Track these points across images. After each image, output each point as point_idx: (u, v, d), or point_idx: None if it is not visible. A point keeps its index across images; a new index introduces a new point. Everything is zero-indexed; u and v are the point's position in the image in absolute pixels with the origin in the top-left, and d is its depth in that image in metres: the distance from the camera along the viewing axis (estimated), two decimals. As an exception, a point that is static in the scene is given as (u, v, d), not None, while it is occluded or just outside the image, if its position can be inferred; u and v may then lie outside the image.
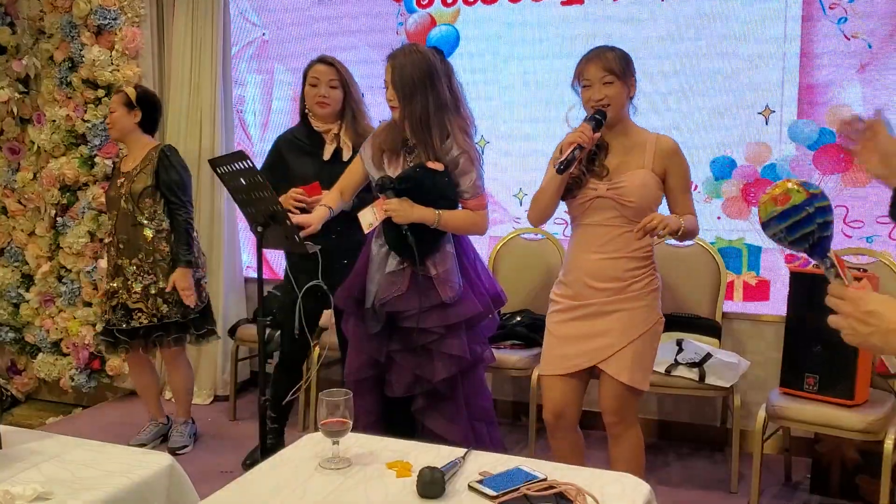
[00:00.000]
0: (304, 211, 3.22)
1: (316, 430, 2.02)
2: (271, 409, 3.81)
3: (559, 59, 4.22)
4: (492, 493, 1.78)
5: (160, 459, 2.05)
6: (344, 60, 3.69)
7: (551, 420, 2.93)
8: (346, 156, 3.55)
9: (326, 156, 3.58)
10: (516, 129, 4.35)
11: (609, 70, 2.74)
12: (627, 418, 2.89)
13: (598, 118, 2.77)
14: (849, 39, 3.73)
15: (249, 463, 3.79)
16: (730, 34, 3.92)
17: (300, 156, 3.60)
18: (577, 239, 2.92)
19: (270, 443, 3.80)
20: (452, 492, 1.82)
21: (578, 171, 2.81)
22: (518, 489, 1.79)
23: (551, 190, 2.83)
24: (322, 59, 3.61)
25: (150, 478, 1.96)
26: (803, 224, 1.40)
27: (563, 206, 2.80)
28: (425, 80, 2.89)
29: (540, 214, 2.92)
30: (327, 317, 3.79)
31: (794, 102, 3.85)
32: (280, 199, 3.38)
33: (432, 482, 1.79)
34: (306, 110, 3.63)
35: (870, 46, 3.70)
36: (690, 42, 3.99)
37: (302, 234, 2.93)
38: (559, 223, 4.25)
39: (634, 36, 4.07)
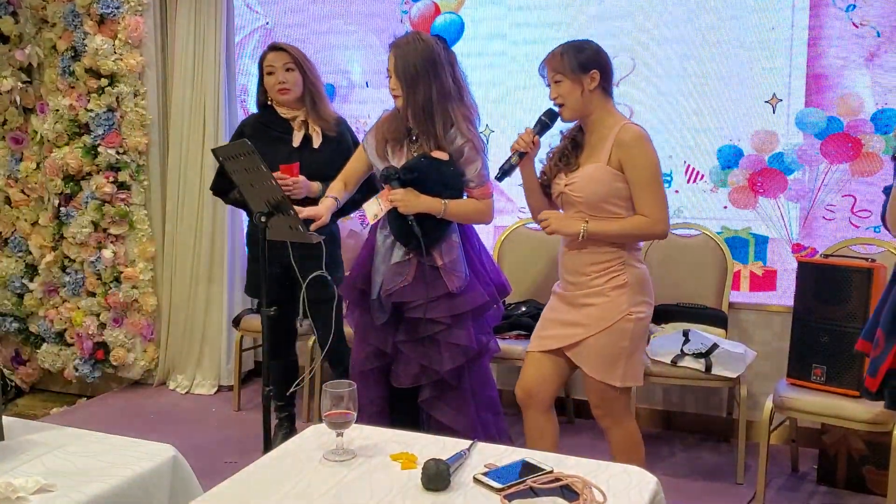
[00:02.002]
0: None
1: (321, 421, 2.01)
2: (274, 398, 3.81)
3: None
4: (497, 485, 1.77)
5: (163, 451, 2.04)
6: (347, 49, 3.67)
7: (521, 396, 2.95)
8: (315, 142, 3.53)
9: (296, 142, 3.56)
10: (521, 118, 4.32)
11: (555, 70, 2.74)
12: (613, 413, 2.87)
13: (543, 120, 2.80)
14: (857, 27, 3.69)
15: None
16: (737, 22, 3.89)
17: (269, 142, 3.53)
18: None
19: (284, 431, 3.80)
20: (458, 484, 1.81)
21: (550, 167, 2.86)
22: (524, 481, 1.78)
23: (527, 189, 2.93)
24: (272, 47, 3.60)
25: (153, 469, 1.96)
26: None
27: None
28: (428, 68, 2.87)
29: (532, 210, 2.98)
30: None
31: (801, 91, 3.81)
32: None
33: (437, 474, 1.78)
34: (269, 101, 3.61)
35: (878, 34, 3.66)
36: (697, 30, 3.96)
37: (312, 227, 2.91)
38: (564, 213, 4.22)
39: (641, 23, 4.04)
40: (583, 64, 2.72)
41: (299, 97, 3.57)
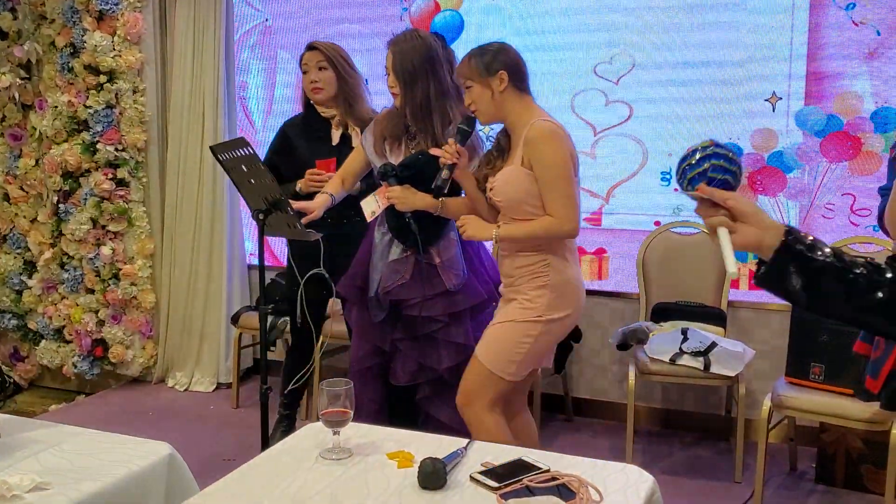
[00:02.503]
0: None
1: (318, 419, 2.01)
2: (282, 396, 3.82)
3: (564, 45, 4.19)
4: (494, 484, 1.77)
5: (159, 449, 2.03)
6: (347, 46, 3.67)
7: (458, 399, 2.88)
8: (355, 141, 3.53)
9: (335, 140, 3.57)
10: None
11: (464, 76, 2.73)
12: (473, 401, 2.75)
13: (462, 128, 2.77)
14: (857, 26, 3.68)
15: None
16: (737, 20, 3.88)
17: (310, 141, 3.59)
18: None
19: (282, 430, 3.80)
20: (454, 483, 1.80)
21: (478, 173, 2.83)
22: (520, 480, 1.77)
23: (470, 200, 2.89)
24: (308, 46, 3.60)
25: (149, 467, 1.95)
26: (687, 161, 1.45)
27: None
28: (426, 66, 2.87)
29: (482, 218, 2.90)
30: (331, 305, 3.78)
31: (801, 89, 3.81)
32: (299, 183, 3.39)
33: (434, 473, 1.77)
34: (310, 100, 3.62)
35: (878, 33, 3.65)
36: (697, 27, 3.95)
37: (303, 220, 2.91)
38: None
39: (641, 22, 4.03)
40: (488, 66, 2.67)
41: (333, 96, 3.56)
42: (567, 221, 2.64)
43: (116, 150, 4.69)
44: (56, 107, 4.74)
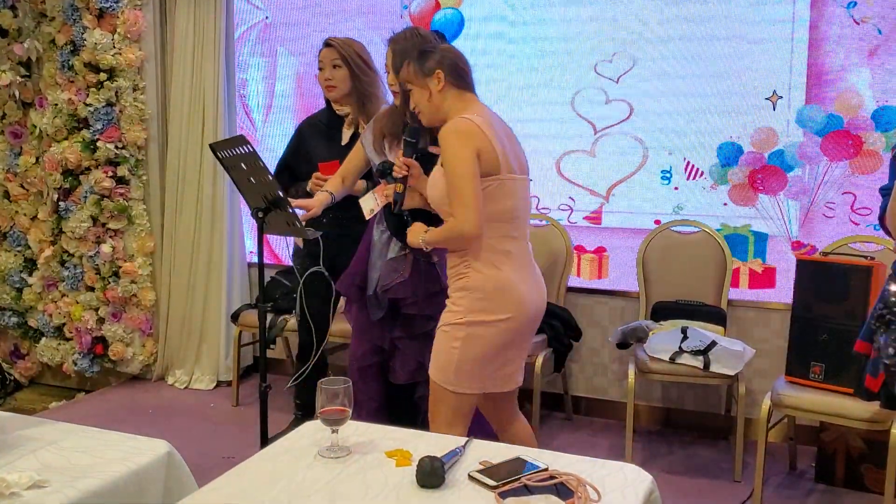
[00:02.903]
0: None
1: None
2: (295, 397, 3.88)
3: (564, 42, 4.18)
4: (492, 482, 1.76)
5: (158, 446, 2.03)
6: (347, 44, 3.66)
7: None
8: None
9: (344, 140, 3.57)
10: (521, 113, 4.31)
11: (405, 79, 2.68)
12: (435, 417, 2.62)
13: (407, 140, 2.72)
14: (858, 24, 3.68)
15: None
16: (738, 19, 3.87)
17: (320, 140, 3.60)
18: None
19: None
20: (452, 481, 1.80)
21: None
22: (518, 479, 1.77)
23: (435, 208, 2.74)
24: (325, 42, 3.60)
25: (147, 465, 1.95)
26: None
27: (568, 192, 2.78)
28: (425, 64, 2.86)
29: None
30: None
31: (802, 88, 3.80)
32: (309, 184, 3.40)
33: (432, 472, 1.77)
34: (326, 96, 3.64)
35: (879, 31, 3.65)
36: (697, 26, 3.95)
37: (302, 217, 2.92)
38: (564, 209, 4.22)
39: (642, 20, 4.03)
40: (424, 67, 2.62)
41: (347, 94, 3.55)
42: (464, 222, 2.45)
43: (116, 147, 4.69)
44: (56, 104, 4.74)
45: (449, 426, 2.57)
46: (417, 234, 2.66)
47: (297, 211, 2.89)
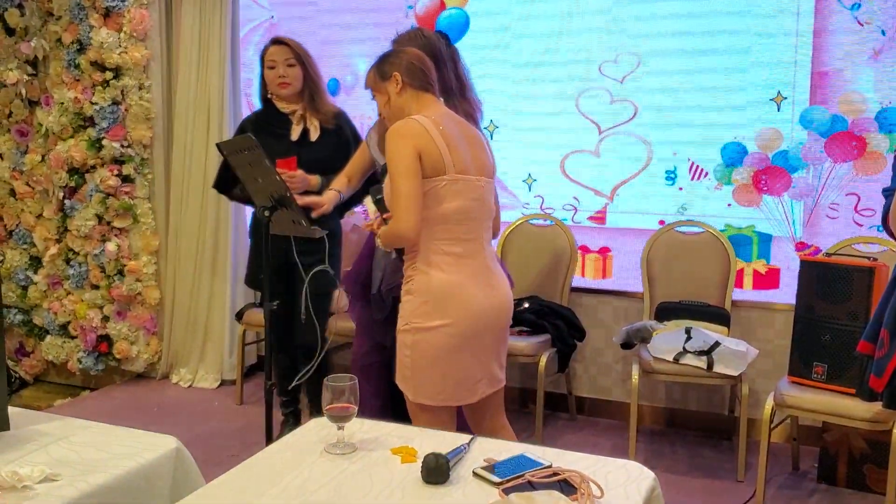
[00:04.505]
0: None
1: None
2: (278, 393, 3.82)
3: (569, 43, 4.19)
4: (496, 479, 1.78)
5: (166, 442, 2.05)
6: (352, 43, 3.68)
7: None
8: (313, 136, 3.57)
9: (294, 136, 3.59)
10: (526, 114, 4.32)
11: (370, 87, 2.65)
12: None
13: (374, 199, 2.58)
14: (862, 26, 3.69)
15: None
16: (742, 20, 3.89)
17: (268, 137, 3.53)
18: None
19: (289, 428, 3.81)
20: (457, 478, 1.81)
21: None
22: (522, 476, 1.78)
23: None
24: (275, 41, 3.63)
25: (156, 460, 1.96)
26: None
27: (572, 192, 2.76)
28: (429, 64, 2.87)
29: None
30: (334, 301, 3.78)
31: (806, 89, 3.81)
32: None
33: (437, 468, 1.78)
34: (269, 94, 3.64)
35: (883, 33, 3.66)
36: (702, 27, 3.96)
37: (314, 214, 2.94)
38: (568, 209, 4.23)
39: (646, 18, 4.04)
40: (381, 72, 2.60)
41: (299, 91, 3.59)
42: (400, 221, 2.40)
43: (122, 146, 4.71)
44: (62, 103, 4.75)
45: None
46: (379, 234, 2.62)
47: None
